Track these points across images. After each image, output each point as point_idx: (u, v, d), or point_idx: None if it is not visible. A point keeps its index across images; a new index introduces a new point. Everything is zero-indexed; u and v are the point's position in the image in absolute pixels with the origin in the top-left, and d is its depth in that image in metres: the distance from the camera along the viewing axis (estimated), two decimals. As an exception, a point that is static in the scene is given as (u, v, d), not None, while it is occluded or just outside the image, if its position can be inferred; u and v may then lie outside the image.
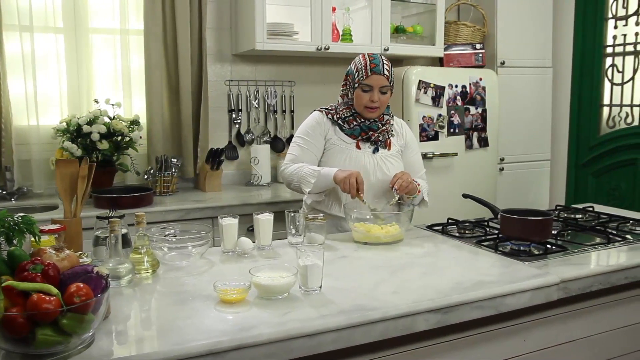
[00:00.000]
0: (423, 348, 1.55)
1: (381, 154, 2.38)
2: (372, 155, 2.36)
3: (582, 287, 1.74)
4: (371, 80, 2.29)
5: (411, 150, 2.50)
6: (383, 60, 2.33)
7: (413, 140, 2.53)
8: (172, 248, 1.82)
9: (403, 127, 2.51)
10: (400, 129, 2.49)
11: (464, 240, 2.13)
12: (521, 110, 4.09)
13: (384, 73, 2.30)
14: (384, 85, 2.30)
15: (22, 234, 1.26)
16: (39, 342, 1.08)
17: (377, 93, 2.30)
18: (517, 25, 4.02)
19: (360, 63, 2.33)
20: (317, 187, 2.26)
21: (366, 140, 2.37)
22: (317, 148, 2.39)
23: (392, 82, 2.35)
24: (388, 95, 2.35)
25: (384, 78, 2.29)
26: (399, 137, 2.47)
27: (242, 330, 1.26)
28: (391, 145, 2.42)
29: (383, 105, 2.34)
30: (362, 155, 2.35)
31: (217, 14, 3.57)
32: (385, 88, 2.31)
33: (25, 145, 3.16)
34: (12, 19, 3.07)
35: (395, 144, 2.44)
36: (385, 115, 2.42)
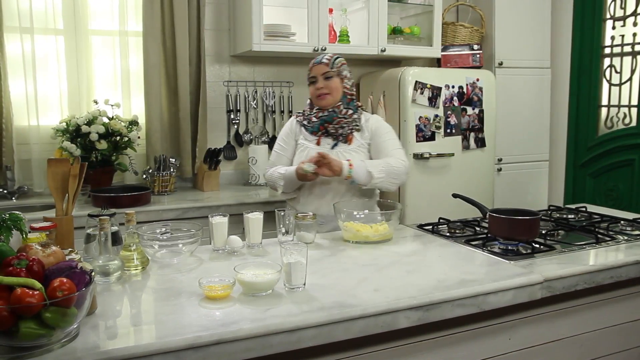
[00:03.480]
0: (407, 345, 1.57)
1: (340, 148, 2.48)
2: (330, 150, 2.45)
3: (566, 286, 1.76)
4: (313, 71, 2.51)
5: (380, 138, 2.51)
6: (327, 54, 2.54)
7: (381, 129, 2.54)
8: (162, 246, 1.86)
9: (370, 121, 2.55)
10: (366, 124, 2.54)
11: (453, 240, 2.15)
12: (519, 111, 4.10)
13: (323, 62, 2.49)
14: (325, 72, 2.47)
15: (9, 230, 1.29)
16: (23, 335, 1.11)
17: (321, 80, 2.48)
18: (515, 26, 4.03)
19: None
20: (287, 186, 2.50)
21: (327, 135, 2.50)
22: (290, 152, 2.60)
23: (336, 67, 2.49)
24: (334, 80, 2.48)
25: (323, 65, 2.48)
26: (362, 132, 2.52)
27: (222, 326, 1.29)
28: (352, 139, 2.49)
29: (332, 90, 2.48)
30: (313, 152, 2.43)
31: (216, 16, 3.61)
32: (328, 73, 2.47)
33: (25, 145, 3.21)
34: (13, 21, 3.12)
35: (358, 138, 2.50)
36: (349, 109, 2.51)
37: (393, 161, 2.43)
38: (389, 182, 2.42)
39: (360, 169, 2.36)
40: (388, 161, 2.42)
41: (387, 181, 2.41)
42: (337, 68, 2.49)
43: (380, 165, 2.40)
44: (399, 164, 2.43)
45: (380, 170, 2.38)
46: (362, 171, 2.37)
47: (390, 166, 2.41)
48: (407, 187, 3.53)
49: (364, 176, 2.37)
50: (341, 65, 2.52)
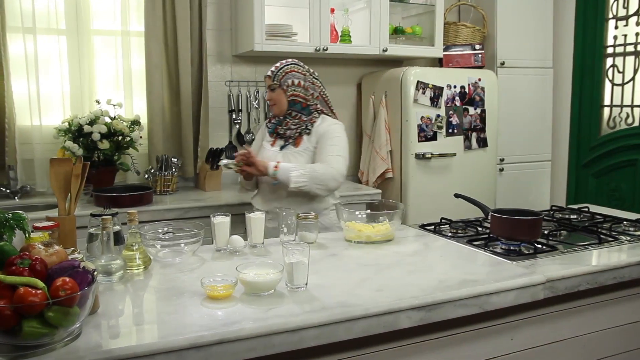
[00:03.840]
0: (409, 345, 1.57)
1: (287, 150, 2.57)
2: (279, 151, 2.59)
3: (569, 287, 1.75)
4: (265, 81, 2.64)
5: (322, 143, 2.54)
6: (278, 64, 2.61)
7: (327, 134, 2.55)
8: (164, 245, 1.86)
9: (321, 126, 2.58)
10: (317, 128, 2.58)
11: (455, 240, 2.14)
12: (521, 111, 4.10)
13: (268, 74, 2.61)
14: (270, 85, 2.60)
15: (12, 229, 1.29)
16: (26, 334, 1.12)
17: (269, 92, 2.61)
18: (517, 26, 4.03)
19: None
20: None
21: (280, 137, 2.62)
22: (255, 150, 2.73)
23: (276, 79, 2.57)
24: (277, 92, 2.58)
25: (268, 78, 2.61)
26: (311, 136, 2.57)
27: (225, 325, 1.29)
28: (300, 142, 2.56)
29: (277, 101, 2.59)
30: (270, 152, 2.61)
31: (217, 16, 3.61)
32: (272, 86, 2.59)
33: (28, 145, 3.22)
34: (15, 21, 3.12)
35: (306, 141, 2.56)
36: (301, 114, 2.58)
37: (319, 167, 2.44)
38: (314, 187, 2.43)
39: (284, 171, 2.42)
40: (314, 167, 2.44)
41: (311, 186, 2.42)
42: (279, 80, 2.56)
43: (304, 170, 2.42)
44: (324, 170, 2.43)
45: (301, 175, 2.40)
46: (286, 174, 2.41)
47: (314, 171, 2.42)
48: (409, 187, 3.54)
49: (286, 178, 2.41)
50: (285, 75, 2.56)
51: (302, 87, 2.58)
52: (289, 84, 2.56)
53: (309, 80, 2.61)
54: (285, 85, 2.56)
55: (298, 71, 2.59)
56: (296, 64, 2.61)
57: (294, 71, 2.58)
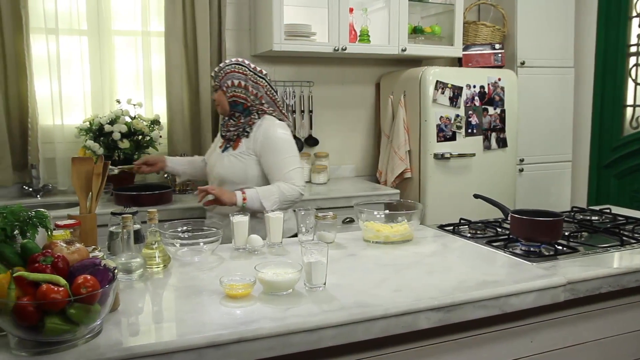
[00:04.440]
0: (428, 346, 1.56)
1: (227, 152, 2.55)
2: (220, 153, 2.58)
3: (590, 289, 1.73)
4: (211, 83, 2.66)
5: (265, 155, 2.48)
6: (221, 64, 2.59)
7: (266, 144, 2.48)
8: (184, 244, 1.87)
9: (261, 130, 2.51)
10: (256, 132, 2.51)
11: (474, 240, 2.13)
12: (542, 111, 4.06)
13: (212, 74, 2.60)
14: (213, 85, 2.60)
15: (35, 227, 1.31)
16: (48, 330, 1.13)
17: (213, 92, 2.62)
18: (537, 25, 3.99)
19: None
20: None
21: (223, 138, 2.61)
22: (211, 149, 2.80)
23: (217, 80, 2.56)
24: (219, 92, 2.56)
25: (212, 78, 2.60)
26: (250, 140, 2.51)
27: (243, 324, 1.30)
28: (238, 145, 2.52)
29: (219, 102, 2.57)
30: (215, 153, 2.62)
31: (236, 16, 3.63)
32: (215, 87, 2.59)
33: (50, 144, 3.26)
34: (38, 22, 3.17)
35: (243, 145, 2.52)
36: (242, 115, 2.55)
37: (285, 188, 2.41)
38: (283, 207, 2.41)
39: (253, 201, 2.37)
40: (281, 189, 2.40)
41: (281, 207, 2.38)
42: (219, 81, 2.54)
43: (273, 195, 2.39)
44: (291, 190, 2.42)
45: (274, 202, 2.38)
46: (256, 203, 2.36)
47: (282, 195, 2.40)
48: (428, 187, 3.52)
49: (258, 207, 2.36)
50: (225, 76, 2.52)
51: (243, 87, 2.51)
52: (229, 84, 2.51)
53: (252, 80, 2.53)
54: (224, 86, 2.52)
55: (239, 71, 2.52)
56: (239, 63, 2.55)
57: (235, 71, 2.52)
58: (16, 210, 1.30)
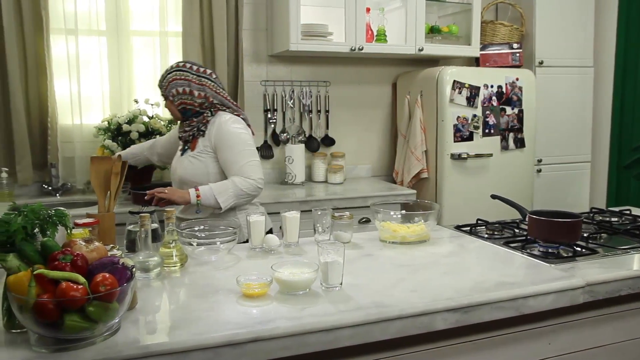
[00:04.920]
0: (444, 347, 1.55)
1: (186, 154, 2.51)
2: (180, 157, 2.54)
3: (609, 291, 1.71)
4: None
5: (220, 151, 2.44)
6: (166, 71, 2.52)
7: (221, 139, 2.43)
8: (200, 243, 1.88)
9: (215, 126, 2.47)
10: (211, 129, 2.48)
11: (492, 241, 2.12)
12: (560, 111, 4.02)
13: (158, 84, 2.55)
14: (161, 94, 2.55)
15: (55, 226, 1.33)
16: (67, 328, 1.14)
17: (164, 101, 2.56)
18: (556, 24, 3.95)
19: None
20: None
21: (182, 142, 2.56)
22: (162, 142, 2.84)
23: (162, 88, 2.52)
24: (168, 103, 2.53)
25: (160, 88, 2.55)
26: (205, 138, 2.48)
27: (260, 323, 1.30)
28: (195, 145, 2.49)
29: (170, 111, 2.55)
30: (175, 158, 2.58)
31: (253, 16, 3.64)
32: (164, 96, 2.54)
33: (69, 143, 3.30)
34: (58, 23, 3.21)
35: (200, 144, 2.48)
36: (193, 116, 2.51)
37: (239, 182, 2.36)
38: (241, 202, 2.40)
39: (208, 198, 2.31)
40: (235, 183, 2.35)
41: (238, 202, 2.38)
42: (164, 91, 2.51)
43: (228, 190, 2.34)
44: (246, 184, 2.36)
45: (228, 197, 2.33)
46: (211, 200, 2.32)
47: (237, 189, 2.35)
48: (445, 188, 3.50)
49: (213, 203, 2.32)
50: (168, 85, 2.48)
51: (188, 93, 2.45)
52: (174, 93, 2.47)
53: (196, 83, 2.45)
54: (170, 96, 2.48)
55: (181, 78, 2.45)
56: (180, 69, 2.47)
57: (177, 79, 2.45)
58: (36, 208, 1.32)
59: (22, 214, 1.29)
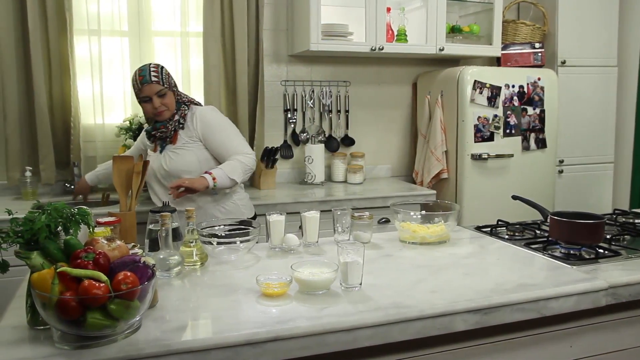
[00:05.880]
0: (464, 349, 1.54)
1: (167, 150, 2.53)
2: (159, 155, 2.55)
3: (633, 294, 1.69)
4: (144, 91, 2.46)
5: (211, 136, 2.54)
6: (151, 69, 2.48)
7: (209, 126, 2.55)
8: (220, 242, 1.89)
9: (196, 117, 2.55)
10: (190, 121, 2.55)
11: (512, 242, 2.10)
12: (583, 111, 3.97)
13: (152, 81, 2.45)
14: (158, 91, 2.46)
15: (78, 224, 1.34)
16: (89, 325, 1.16)
17: (157, 99, 2.46)
18: (579, 23, 3.90)
19: (134, 79, 2.50)
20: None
21: (159, 140, 2.56)
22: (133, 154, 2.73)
23: (165, 83, 2.48)
24: (169, 96, 2.50)
25: (154, 85, 2.45)
26: (187, 129, 2.54)
27: (279, 323, 1.31)
28: (177, 139, 2.52)
29: (168, 106, 2.50)
30: (153, 157, 2.56)
31: (274, 16, 3.65)
32: (161, 91, 2.47)
33: (91, 143, 3.35)
34: (82, 24, 3.25)
35: (182, 136, 2.53)
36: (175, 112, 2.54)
37: (243, 159, 2.51)
38: (246, 177, 2.55)
39: (222, 179, 2.43)
40: (241, 160, 2.50)
41: (244, 177, 2.53)
42: (167, 83, 2.50)
43: (237, 168, 2.48)
44: (249, 160, 2.53)
45: (240, 174, 2.48)
46: (225, 180, 2.44)
47: (244, 165, 2.51)
48: (465, 188, 3.48)
49: (228, 183, 2.45)
50: (168, 77, 2.53)
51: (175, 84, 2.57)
52: (173, 84, 2.53)
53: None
54: (173, 87, 2.53)
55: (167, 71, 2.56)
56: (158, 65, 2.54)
57: (169, 72, 2.55)
58: (60, 207, 1.34)
59: (46, 213, 1.31)
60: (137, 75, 2.48)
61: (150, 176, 2.57)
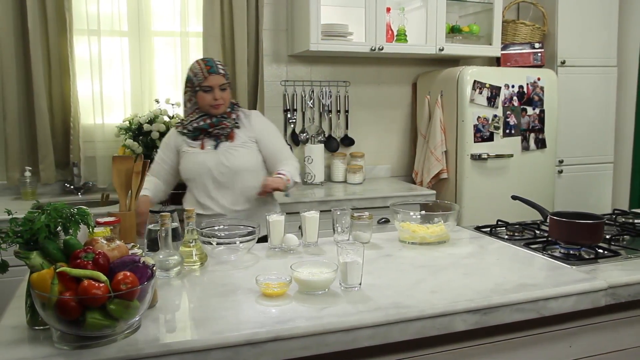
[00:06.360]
0: (464, 349, 1.55)
1: (223, 147, 2.50)
2: (214, 151, 2.50)
3: (632, 294, 1.69)
4: (209, 81, 2.45)
5: (268, 139, 2.58)
6: (216, 62, 2.51)
7: (267, 129, 2.61)
8: (220, 242, 1.90)
9: (251, 118, 2.60)
10: (247, 121, 2.57)
11: (512, 242, 2.10)
12: (582, 111, 3.97)
13: (220, 72, 2.47)
14: (222, 83, 2.48)
15: (77, 224, 1.34)
16: (89, 325, 1.16)
17: (218, 91, 2.47)
18: (579, 23, 3.90)
19: (197, 68, 2.49)
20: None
21: (209, 137, 2.51)
22: (166, 162, 2.59)
23: (228, 79, 2.52)
24: (228, 91, 2.52)
25: (220, 76, 2.47)
26: (245, 129, 2.55)
27: (279, 323, 1.31)
28: (234, 136, 2.52)
29: (226, 101, 2.51)
30: (205, 154, 2.49)
31: (274, 16, 3.65)
32: (224, 85, 2.49)
33: (91, 143, 3.34)
34: (81, 24, 3.25)
35: (241, 135, 2.53)
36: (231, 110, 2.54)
37: (296, 163, 2.60)
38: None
39: (292, 181, 2.48)
40: (296, 165, 2.57)
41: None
42: (229, 79, 2.52)
43: (296, 172, 2.54)
44: (297, 164, 2.61)
45: (298, 177, 2.55)
46: (291, 182, 2.48)
47: (297, 169, 2.56)
48: (464, 188, 3.48)
49: (292, 185, 2.49)
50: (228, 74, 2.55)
51: None
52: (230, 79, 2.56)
53: None
54: (231, 85, 2.54)
55: None
56: None
57: None
58: (59, 207, 1.33)
59: (46, 213, 1.31)
60: (203, 64, 2.47)
61: (197, 173, 2.48)
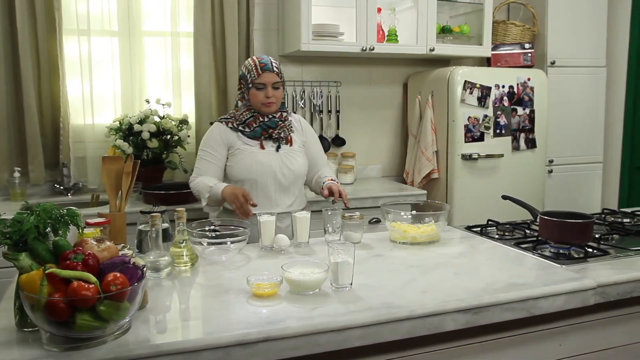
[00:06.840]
0: (454, 348, 1.55)
1: (284, 150, 2.48)
2: (276, 153, 2.47)
3: (621, 293, 1.70)
4: (263, 78, 2.41)
5: (313, 144, 2.63)
6: (271, 59, 2.47)
7: (312, 134, 2.65)
8: (211, 243, 1.89)
9: (301, 123, 2.62)
10: (299, 125, 2.59)
11: (502, 242, 2.11)
12: (572, 111, 4.00)
13: (274, 70, 2.43)
14: (275, 82, 2.43)
15: (67, 225, 1.34)
16: (79, 326, 1.15)
17: (270, 89, 2.42)
18: (569, 24, 3.93)
19: (251, 65, 2.46)
20: (212, 201, 2.38)
21: (268, 139, 2.47)
22: (218, 159, 2.47)
23: (282, 78, 2.47)
24: (281, 90, 2.48)
25: (274, 74, 2.42)
26: (299, 133, 2.57)
27: (270, 323, 1.31)
28: (292, 141, 2.51)
29: (278, 100, 2.47)
30: (267, 155, 2.44)
31: (265, 16, 3.64)
32: (277, 84, 2.44)
33: (81, 143, 3.32)
34: (71, 24, 3.23)
35: (297, 139, 2.54)
36: (283, 112, 2.52)
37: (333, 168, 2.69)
38: None
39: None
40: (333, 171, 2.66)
41: None
42: (283, 78, 2.48)
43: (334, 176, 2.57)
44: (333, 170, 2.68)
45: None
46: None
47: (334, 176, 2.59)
48: (455, 188, 3.49)
49: None
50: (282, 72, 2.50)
51: None
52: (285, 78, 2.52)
53: None
54: (284, 85, 2.52)
55: None
56: None
57: None
58: (49, 208, 1.33)
59: (35, 214, 1.30)
60: (258, 61, 2.43)
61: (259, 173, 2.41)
